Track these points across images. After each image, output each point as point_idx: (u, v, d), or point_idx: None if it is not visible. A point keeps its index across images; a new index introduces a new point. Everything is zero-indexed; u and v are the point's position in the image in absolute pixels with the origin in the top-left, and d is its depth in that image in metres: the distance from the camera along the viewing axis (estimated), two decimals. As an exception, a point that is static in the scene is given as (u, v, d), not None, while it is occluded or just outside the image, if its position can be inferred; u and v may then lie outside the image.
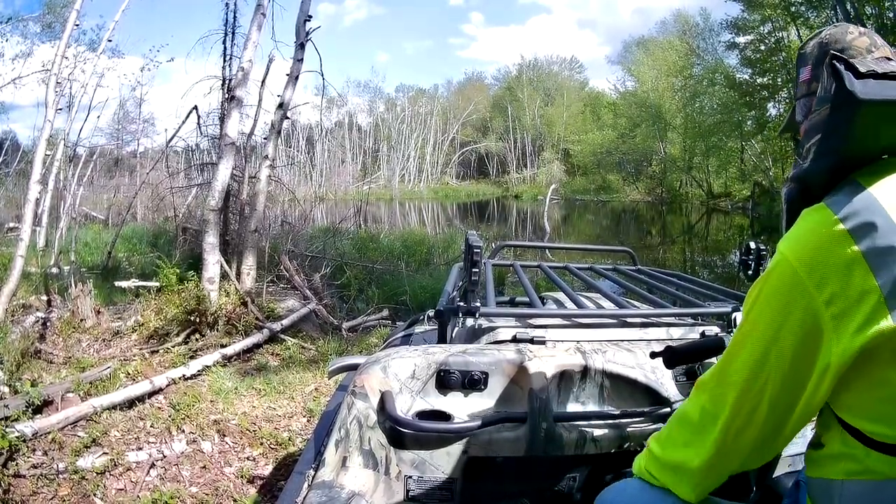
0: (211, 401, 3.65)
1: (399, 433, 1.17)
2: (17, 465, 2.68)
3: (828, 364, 0.70)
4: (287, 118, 6.46)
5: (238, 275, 5.68)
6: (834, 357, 0.69)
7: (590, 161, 38.40)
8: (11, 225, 10.76)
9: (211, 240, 5.24)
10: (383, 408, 1.19)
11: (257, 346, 4.79)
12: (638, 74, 35.49)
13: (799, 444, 1.27)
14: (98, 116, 15.27)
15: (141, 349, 4.54)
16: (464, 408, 1.25)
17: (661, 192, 32.78)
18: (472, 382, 1.25)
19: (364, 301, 6.57)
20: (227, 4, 6.95)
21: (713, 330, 1.47)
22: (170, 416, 3.38)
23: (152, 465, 2.89)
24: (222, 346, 4.53)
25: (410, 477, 1.21)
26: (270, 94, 7.13)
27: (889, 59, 0.82)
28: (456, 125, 43.98)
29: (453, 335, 1.55)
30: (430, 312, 2.05)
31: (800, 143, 0.85)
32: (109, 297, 5.85)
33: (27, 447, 2.81)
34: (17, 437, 2.76)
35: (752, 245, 1.51)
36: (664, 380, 1.32)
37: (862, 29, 0.83)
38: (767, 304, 0.75)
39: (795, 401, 0.74)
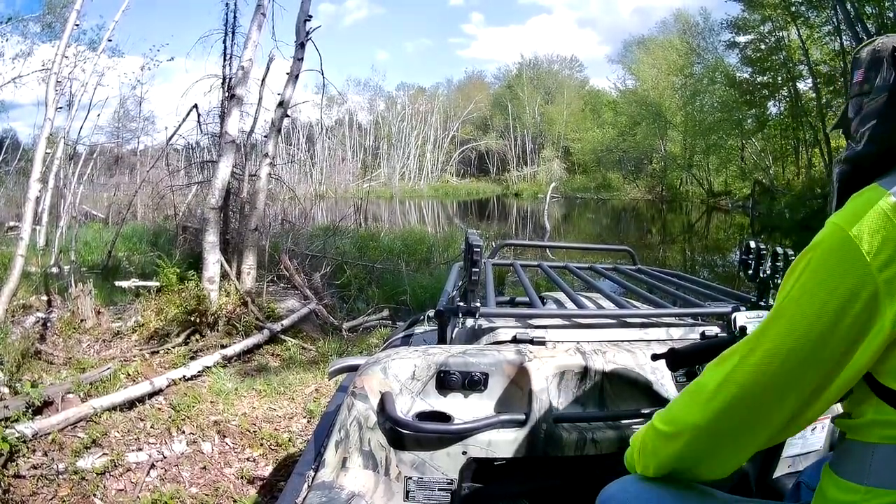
0: (211, 402, 3.65)
1: (399, 434, 1.17)
2: (17, 465, 2.68)
3: (881, 327, 0.71)
4: (287, 116, 6.45)
5: (238, 274, 5.68)
6: (888, 321, 0.70)
7: (590, 159, 38.38)
8: (11, 224, 10.76)
9: (211, 239, 5.24)
10: (383, 409, 1.18)
11: (257, 346, 4.78)
12: (638, 73, 35.45)
13: (798, 445, 1.28)
14: (98, 115, 15.20)
15: (141, 350, 4.54)
16: (464, 409, 1.25)
17: (661, 191, 32.74)
18: (472, 383, 1.24)
19: (364, 301, 6.56)
20: (227, 4, 6.93)
21: (713, 330, 1.46)
22: (170, 417, 3.38)
23: (152, 466, 2.89)
24: (222, 347, 4.53)
25: (410, 478, 1.21)
26: (271, 92, 7.12)
27: None
28: (456, 123, 43.93)
29: (453, 335, 1.55)
30: (430, 313, 2.05)
31: (853, 130, 0.89)
32: (109, 296, 5.84)
33: (27, 448, 2.81)
34: (17, 438, 2.76)
35: (752, 244, 1.51)
36: (664, 380, 1.32)
37: None
38: (819, 270, 0.75)
39: (841, 367, 0.74)
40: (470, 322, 1.48)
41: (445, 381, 1.24)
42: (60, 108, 6.78)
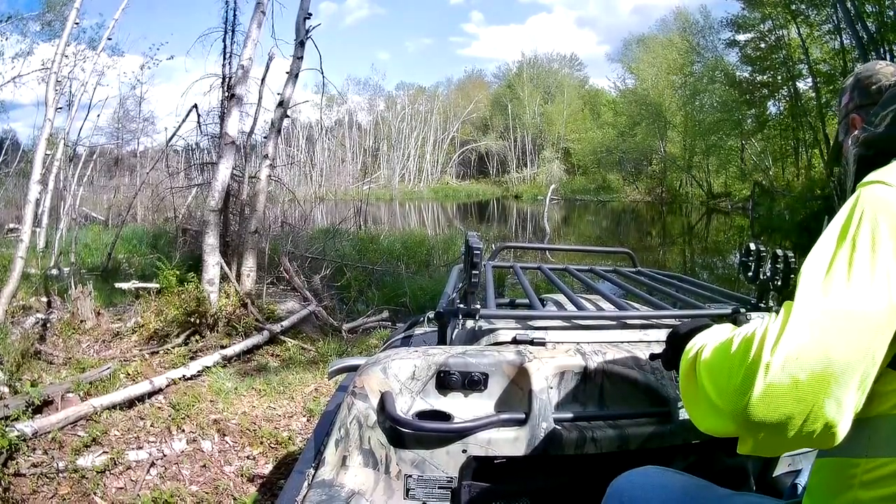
0: (211, 401, 3.65)
1: (399, 433, 1.18)
2: (17, 464, 2.69)
3: None
4: (287, 116, 6.45)
5: (238, 276, 5.68)
6: None
7: (590, 160, 38.35)
8: (11, 226, 10.76)
9: (211, 241, 5.24)
10: (383, 408, 1.19)
11: (257, 347, 4.79)
12: (638, 72, 35.44)
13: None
14: (98, 115, 15.31)
15: (141, 350, 4.54)
16: (464, 408, 1.25)
17: (661, 192, 32.74)
18: (472, 383, 1.25)
19: (364, 303, 6.56)
20: (227, 2, 6.94)
21: None
22: (170, 416, 3.39)
23: (152, 464, 2.89)
24: (222, 348, 4.53)
25: (410, 476, 1.21)
26: (270, 92, 7.14)
27: None
28: (456, 123, 43.92)
29: (453, 337, 1.56)
30: (430, 314, 2.05)
31: (871, 114, 0.91)
32: (109, 298, 5.85)
33: (27, 446, 2.82)
34: (17, 437, 2.77)
35: (753, 246, 1.51)
36: (664, 381, 1.32)
37: (888, 62, 0.98)
38: (873, 220, 0.69)
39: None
40: (470, 324, 1.48)
41: (445, 381, 1.25)
42: (60, 108, 6.79)
